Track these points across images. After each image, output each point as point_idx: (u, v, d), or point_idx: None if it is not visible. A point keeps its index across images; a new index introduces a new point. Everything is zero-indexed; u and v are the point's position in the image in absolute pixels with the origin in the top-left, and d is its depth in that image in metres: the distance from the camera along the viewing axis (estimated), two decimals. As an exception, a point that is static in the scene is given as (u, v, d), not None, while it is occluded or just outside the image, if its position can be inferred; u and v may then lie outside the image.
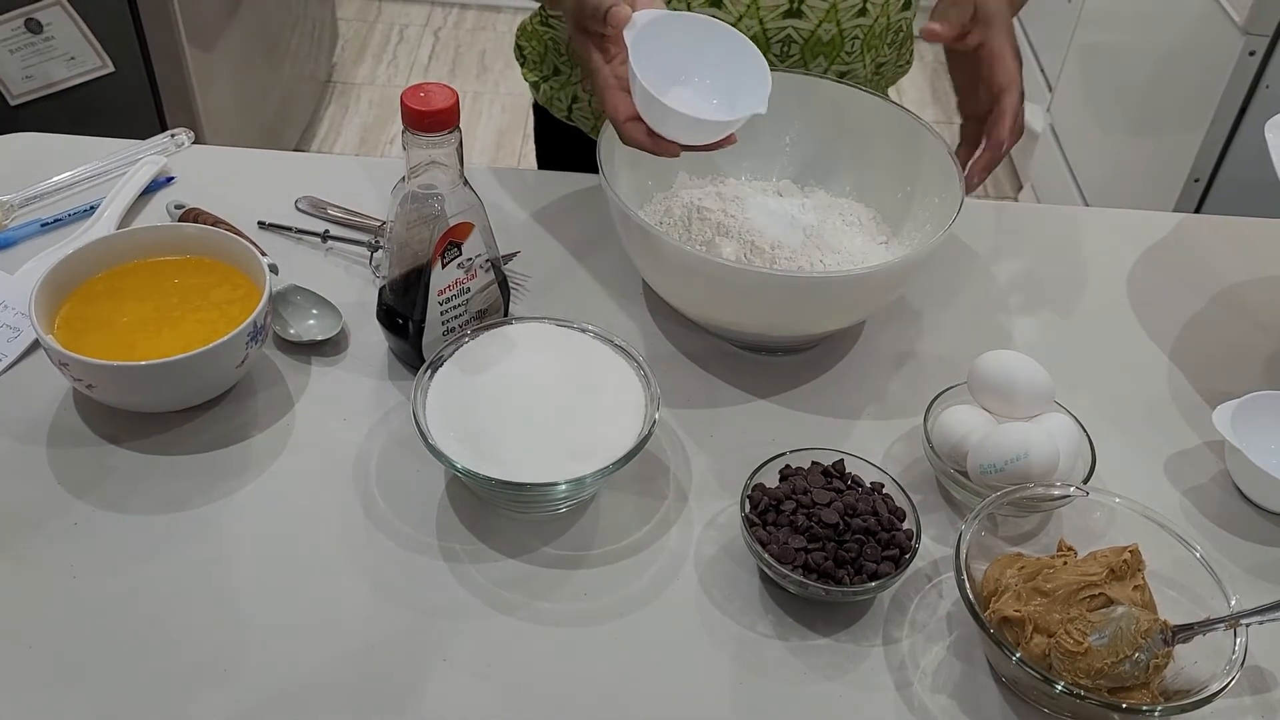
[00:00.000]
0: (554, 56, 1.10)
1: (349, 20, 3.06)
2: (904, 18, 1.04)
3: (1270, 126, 0.92)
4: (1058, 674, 0.66)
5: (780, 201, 0.93)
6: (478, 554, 0.74)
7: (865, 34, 1.00)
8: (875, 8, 0.98)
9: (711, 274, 0.80)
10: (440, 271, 0.79)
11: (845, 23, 0.98)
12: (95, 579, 0.71)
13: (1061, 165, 2.31)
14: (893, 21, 1.02)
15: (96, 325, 0.80)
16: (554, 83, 1.11)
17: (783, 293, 0.81)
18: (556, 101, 1.11)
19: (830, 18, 0.97)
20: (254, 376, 0.84)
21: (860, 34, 0.99)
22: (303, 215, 0.98)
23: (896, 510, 0.74)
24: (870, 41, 1.01)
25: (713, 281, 0.81)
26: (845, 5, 0.97)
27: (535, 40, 1.10)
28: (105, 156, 1.02)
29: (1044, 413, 0.80)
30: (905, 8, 1.03)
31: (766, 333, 0.86)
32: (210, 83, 1.99)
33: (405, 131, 0.74)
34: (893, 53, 1.06)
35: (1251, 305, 0.98)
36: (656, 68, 0.75)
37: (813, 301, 0.82)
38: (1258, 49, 1.69)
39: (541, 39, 1.09)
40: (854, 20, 0.98)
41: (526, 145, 2.68)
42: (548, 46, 1.09)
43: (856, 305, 0.85)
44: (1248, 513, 0.81)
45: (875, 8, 0.98)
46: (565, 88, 1.10)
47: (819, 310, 0.83)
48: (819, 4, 0.96)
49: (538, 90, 1.13)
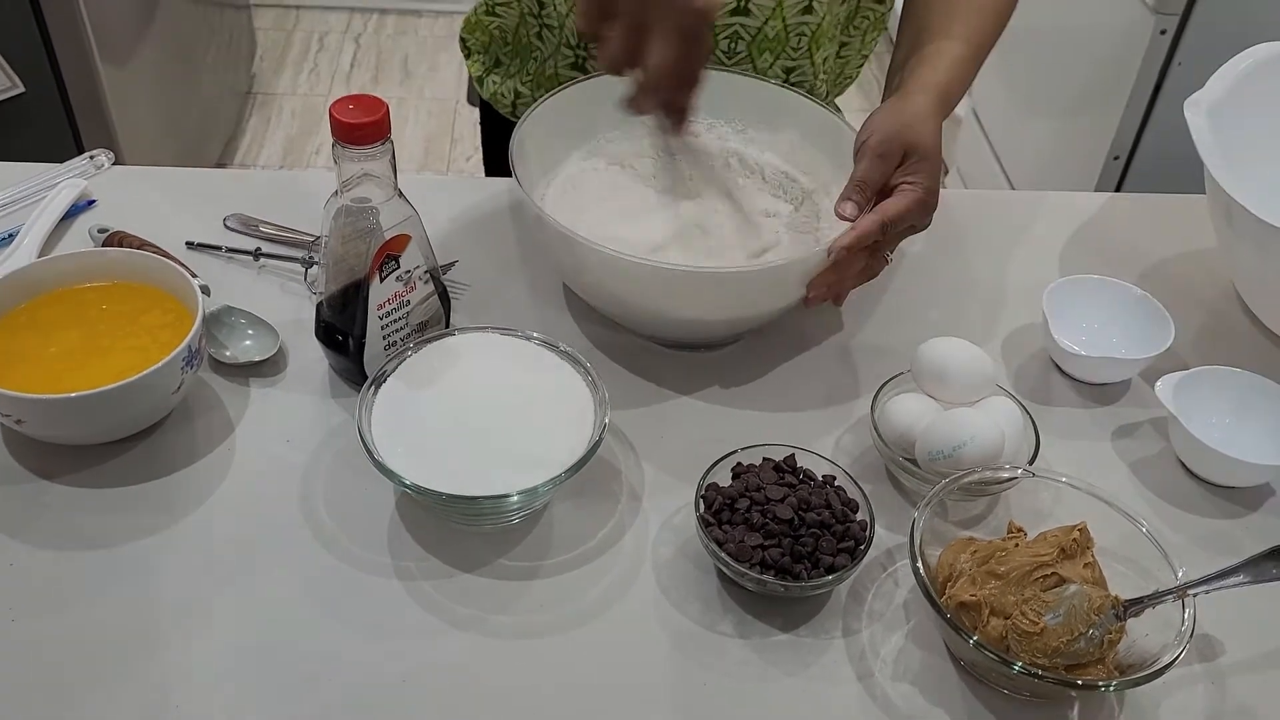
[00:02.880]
0: (498, 47, 1.08)
1: (266, 30, 3.01)
2: (871, 8, 1.03)
3: (1189, 105, 0.95)
4: (1015, 655, 0.67)
5: (687, 206, 0.92)
6: (432, 570, 0.73)
7: (813, 31, 1.00)
8: (821, 6, 0.98)
9: (619, 269, 0.79)
10: (378, 285, 0.77)
11: (790, 20, 0.98)
12: (33, 621, 0.68)
13: (986, 149, 2.34)
14: (841, 19, 1.02)
15: (21, 358, 0.77)
16: (496, 75, 1.10)
17: (686, 286, 0.80)
18: (500, 96, 1.10)
19: (776, 15, 0.97)
20: (191, 402, 0.81)
21: (807, 30, 0.99)
22: (232, 233, 0.96)
23: (849, 502, 0.74)
24: (818, 40, 1.01)
25: (623, 277, 0.80)
26: (791, 2, 0.96)
27: (480, 31, 1.09)
28: (21, 182, 0.99)
29: (987, 397, 0.81)
30: None
31: (685, 331, 0.86)
32: (126, 99, 1.94)
33: (336, 145, 0.73)
34: (854, 44, 1.05)
35: (1179, 280, 1.01)
36: None
37: (718, 294, 0.81)
38: (1168, 28, 1.73)
39: (487, 29, 1.08)
40: (799, 18, 0.98)
41: (455, 150, 2.65)
42: (492, 37, 1.08)
43: (766, 298, 0.84)
44: (1191, 486, 0.83)
45: (821, 6, 0.98)
46: (507, 80, 1.09)
47: (732, 303, 0.83)
48: (764, 3, 0.96)
49: (482, 85, 1.11)
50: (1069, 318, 0.91)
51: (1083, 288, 0.93)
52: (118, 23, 1.91)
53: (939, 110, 0.87)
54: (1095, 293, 0.93)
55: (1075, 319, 0.92)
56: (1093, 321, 0.93)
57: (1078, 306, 0.92)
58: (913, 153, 0.83)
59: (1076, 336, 0.90)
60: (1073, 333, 0.91)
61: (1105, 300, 0.93)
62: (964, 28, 0.92)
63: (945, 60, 0.90)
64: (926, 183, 0.83)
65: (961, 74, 0.91)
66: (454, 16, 3.14)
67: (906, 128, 0.84)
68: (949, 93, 0.89)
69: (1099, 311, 0.93)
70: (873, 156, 0.84)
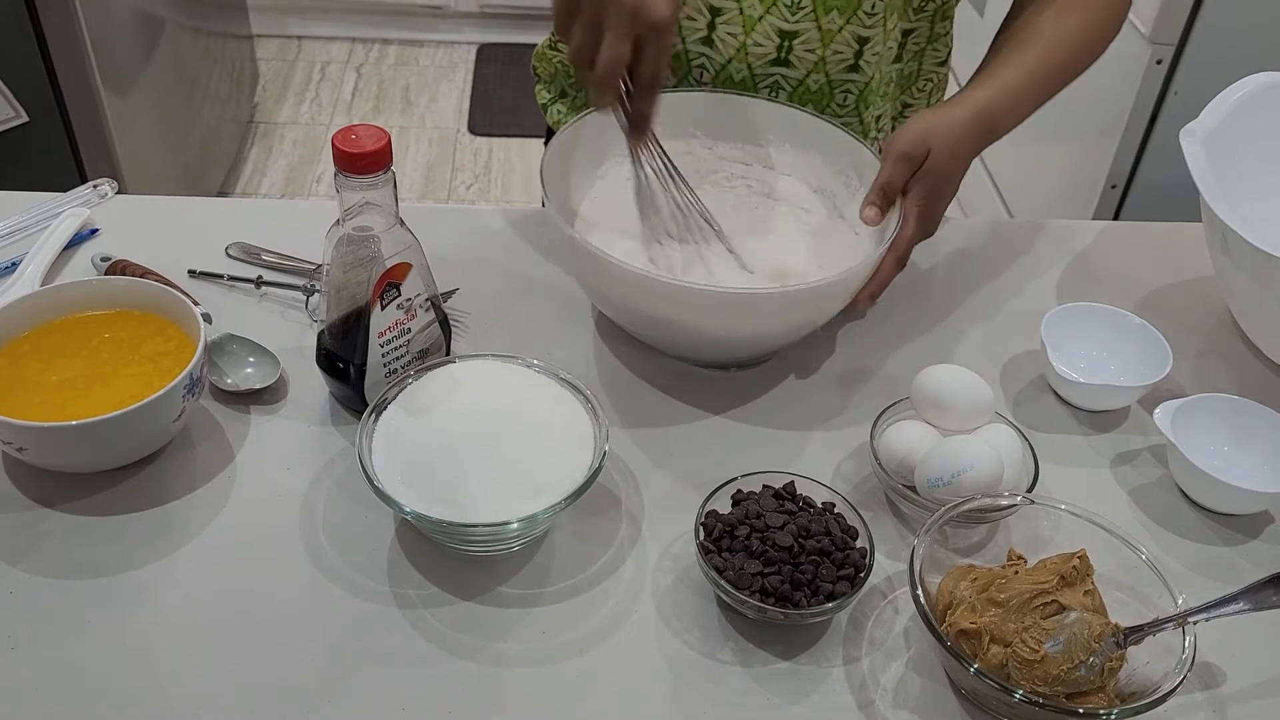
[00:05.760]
0: (563, 79, 1.10)
1: (269, 60, 3.03)
2: (934, 71, 1.03)
3: (1184, 134, 0.95)
4: (1016, 683, 0.66)
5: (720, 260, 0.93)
6: (432, 598, 0.73)
7: (860, 90, 0.98)
8: (870, 65, 0.96)
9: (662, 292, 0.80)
10: (380, 313, 0.78)
11: (834, 75, 0.97)
12: (34, 649, 0.68)
13: (984, 177, 2.36)
14: (895, 79, 1.01)
15: (24, 386, 0.77)
16: (562, 104, 1.11)
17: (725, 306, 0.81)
18: (564, 125, 1.11)
19: (819, 69, 0.96)
20: (192, 430, 0.82)
21: (854, 89, 0.98)
22: (234, 262, 0.97)
23: (849, 529, 0.74)
24: (866, 99, 0.99)
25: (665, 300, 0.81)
26: (835, 59, 0.95)
27: (546, 62, 1.11)
28: (25, 211, 0.99)
29: (986, 424, 0.82)
30: (913, 59, 1.00)
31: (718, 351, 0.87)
32: (129, 129, 1.95)
33: (338, 174, 0.74)
34: (918, 106, 1.05)
35: (1177, 307, 1.01)
36: None
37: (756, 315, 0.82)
38: (1164, 57, 1.75)
39: (551, 62, 1.10)
40: (845, 74, 0.97)
41: (456, 178, 2.67)
42: (558, 69, 1.10)
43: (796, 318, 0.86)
44: (1190, 513, 0.83)
45: (870, 65, 0.96)
46: (572, 111, 1.10)
47: (765, 323, 0.84)
48: (807, 55, 0.95)
49: (548, 111, 1.13)
50: (1068, 345, 0.92)
51: (1081, 315, 0.93)
52: (121, 52, 1.93)
53: (974, 124, 0.87)
54: (1093, 320, 0.94)
55: (1074, 346, 0.92)
56: (1091, 349, 0.93)
57: (1076, 334, 0.93)
58: (926, 160, 0.85)
59: (1075, 364, 0.91)
60: (1071, 360, 0.91)
61: (1103, 328, 0.93)
62: (1030, 59, 0.92)
63: (998, 83, 0.90)
64: (920, 201, 0.85)
65: (1011, 100, 0.90)
66: (454, 47, 3.17)
67: (930, 133, 0.85)
68: (991, 111, 0.89)
69: (1097, 339, 0.93)
70: (896, 159, 0.85)
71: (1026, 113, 0.92)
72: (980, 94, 0.89)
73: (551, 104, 1.13)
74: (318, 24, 3.15)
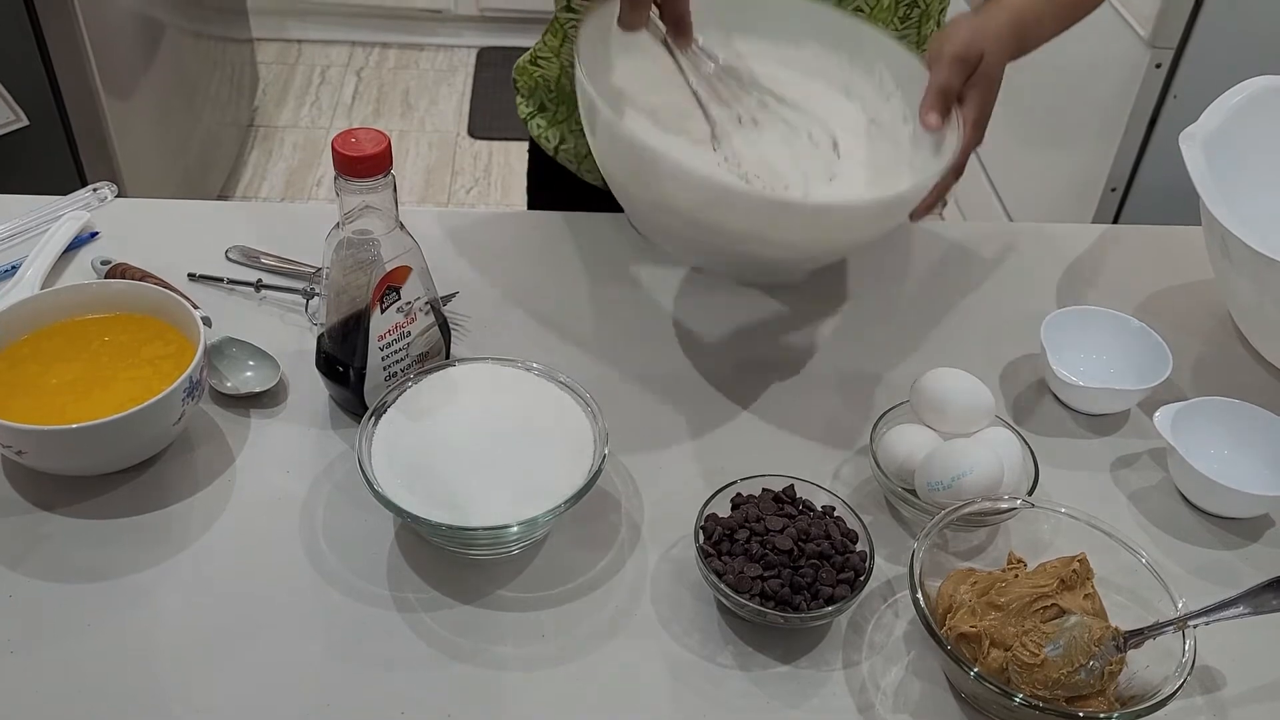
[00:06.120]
0: (542, 93, 1.10)
1: (269, 63, 3.03)
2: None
3: (1184, 138, 0.95)
4: (1016, 686, 0.66)
5: None
6: (432, 602, 0.73)
7: (871, 7, 0.98)
8: None
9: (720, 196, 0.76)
10: (379, 317, 0.78)
11: None
12: (32, 653, 0.68)
13: (984, 182, 2.36)
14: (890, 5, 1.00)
15: (23, 389, 0.77)
16: (542, 119, 1.11)
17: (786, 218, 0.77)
18: (545, 140, 1.12)
19: None
20: (192, 433, 0.82)
21: (865, 6, 0.98)
22: (234, 265, 0.97)
23: (849, 533, 0.74)
24: (879, 15, 0.99)
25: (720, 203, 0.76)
26: None
27: (526, 76, 1.11)
28: (25, 214, 0.99)
29: (986, 428, 0.82)
30: None
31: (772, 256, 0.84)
32: (129, 132, 1.96)
33: (338, 178, 0.74)
34: (910, 38, 1.03)
35: (1176, 311, 1.01)
36: None
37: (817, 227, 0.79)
38: (1163, 61, 1.75)
39: (531, 75, 1.10)
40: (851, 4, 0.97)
41: (456, 182, 2.67)
42: (536, 83, 1.10)
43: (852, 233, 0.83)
44: (1190, 516, 0.83)
45: None
46: (552, 125, 1.10)
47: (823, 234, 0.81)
48: None
49: (529, 125, 1.13)
50: (1067, 349, 0.92)
51: (1081, 319, 0.93)
52: (121, 56, 1.93)
53: (1013, 34, 0.87)
54: (1093, 324, 0.94)
55: (1074, 350, 0.92)
56: (1091, 352, 0.93)
57: (1076, 338, 0.93)
58: (980, 64, 0.84)
59: (1075, 367, 0.91)
60: (1071, 364, 0.91)
61: (1103, 331, 0.94)
62: None
63: None
64: (975, 108, 0.85)
65: (1038, 12, 0.90)
66: (454, 50, 3.17)
67: (981, 36, 0.84)
68: (1023, 20, 0.88)
69: (1097, 342, 0.93)
70: (952, 61, 0.84)
71: (1049, 32, 0.92)
72: (1013, 2, 0.88)
73: (531, 118, 1.13)
74: (318, 27, 3.15)
